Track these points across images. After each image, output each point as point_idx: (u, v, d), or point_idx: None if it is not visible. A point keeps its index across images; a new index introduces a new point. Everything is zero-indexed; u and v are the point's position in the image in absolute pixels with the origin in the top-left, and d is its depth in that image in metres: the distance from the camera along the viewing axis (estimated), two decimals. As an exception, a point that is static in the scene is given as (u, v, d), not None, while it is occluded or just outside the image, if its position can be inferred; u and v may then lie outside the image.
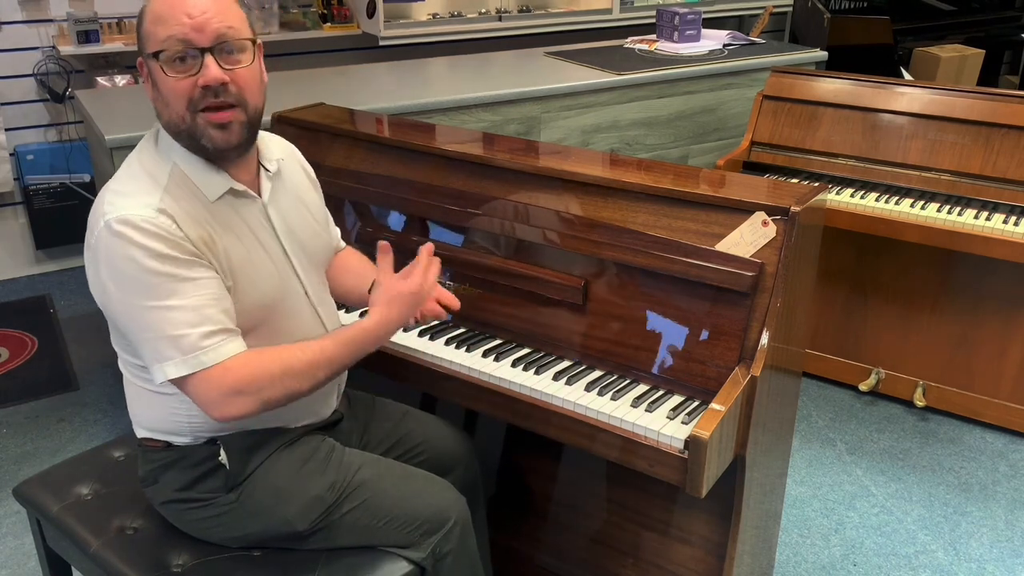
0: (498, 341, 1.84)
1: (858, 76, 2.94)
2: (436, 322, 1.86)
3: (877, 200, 2.77)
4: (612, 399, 1.63)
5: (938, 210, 2.68)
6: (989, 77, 5.33)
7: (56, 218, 3.98)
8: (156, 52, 1.39)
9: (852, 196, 2.81)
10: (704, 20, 3.70)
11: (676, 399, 1.64)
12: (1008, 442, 2.86)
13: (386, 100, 2.90)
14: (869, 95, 2.88)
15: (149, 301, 1.36)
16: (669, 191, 1.72)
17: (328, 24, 4.25)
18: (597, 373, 1.73)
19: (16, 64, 3.80)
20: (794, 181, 2.92)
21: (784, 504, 2.20)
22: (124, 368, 1.55)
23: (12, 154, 3.86)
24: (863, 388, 3.03)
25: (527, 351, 1.80)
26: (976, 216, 2.63)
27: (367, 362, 1.58)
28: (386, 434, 1.78)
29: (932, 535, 2.46)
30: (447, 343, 1.83)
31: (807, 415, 3.00)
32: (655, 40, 3.75)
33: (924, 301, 2.91)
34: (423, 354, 1.81)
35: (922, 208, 2.69)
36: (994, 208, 2.67)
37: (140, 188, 1.41)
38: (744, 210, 1.65)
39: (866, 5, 5.24)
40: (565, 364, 1.76)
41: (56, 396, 3.10)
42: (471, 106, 3.00)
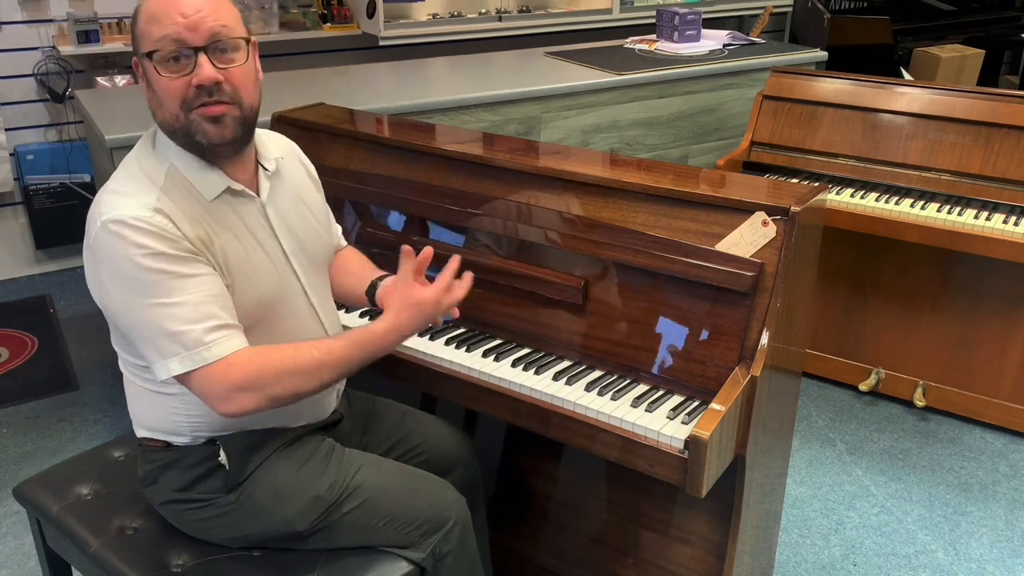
0: (498, 341, 1.84)
1: (858, 76, 2.94)
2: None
3: (877, 200, 2.77)
4: (612, 399, 1.63)
5: (938, 210, 2.68)
6: (989, 77, 5.33)
7: (56, 218, 3.98)
8: (150, 52, 1.39)
9: (852, 196, 2.81)
10: (704, 20, 3.70)
11: (676, 399, 1.64)
12: (1008, 442, 2.86)
13: (386, 100, 2.90)
14: (869, 95, 2.88)
15: (149, 299, 1.35)
16: (669, 191, 1.72)
17: (328, 24, 4.24)
18: (597, 373, 1.73)
19: (16, 64, 3.80)
20: (794, 181, 2.92)
21: (784, 504, 2.20)
22: (124, 368, 1.55)
23: (12, 154, 3.86)
24: (863, 388, 3.03)
25: (527, 351, 1.80)
26: (976, 216, 2.63)
27: (367, 362, 1.58)
28: (386, 434, 1.77)
29: (932, 535, 2.46)
30: (447, 343, 1.83)
31: (807, 415, 3.00)
32: (655, 40, 3.75)
33: (924, 301, 2.91)
34: (423, 354, 1.81)
35: (922, 208, 2.69)
36: (994, 208, 2.67)
37: (137, 188, 1.41)
38: (744, 210, 1.65)
39: (866, 5, 5.24)
40: (565, 364, 1.76)
41: (56, 396, 3.10)
42: (471, 106, 3.00)
